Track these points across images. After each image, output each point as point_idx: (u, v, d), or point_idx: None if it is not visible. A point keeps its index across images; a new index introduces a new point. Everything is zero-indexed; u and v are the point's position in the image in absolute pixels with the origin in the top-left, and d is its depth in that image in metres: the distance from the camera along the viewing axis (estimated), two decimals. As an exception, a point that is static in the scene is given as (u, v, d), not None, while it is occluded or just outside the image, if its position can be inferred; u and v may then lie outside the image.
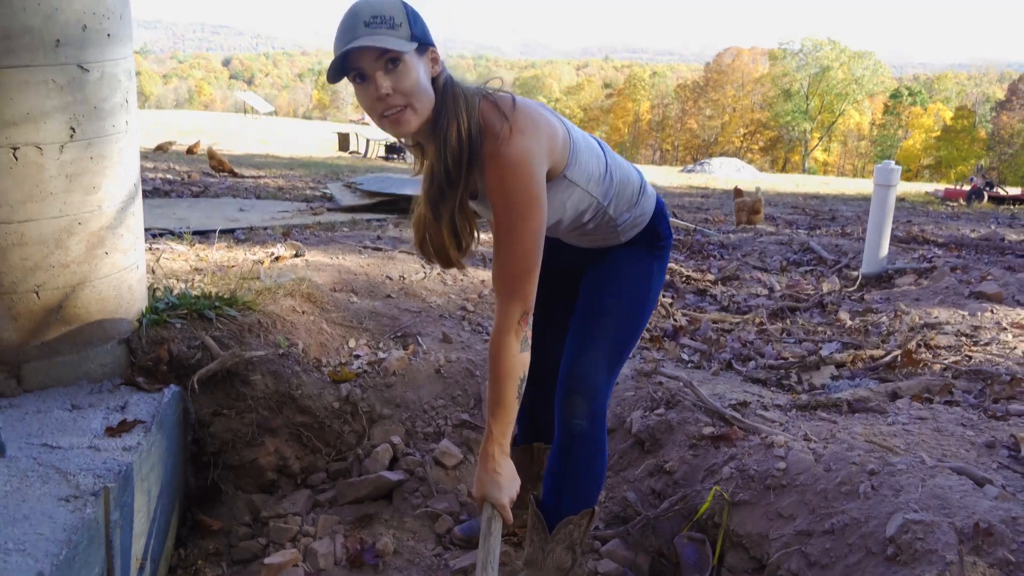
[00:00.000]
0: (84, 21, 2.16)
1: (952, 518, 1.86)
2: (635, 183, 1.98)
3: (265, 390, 2.79)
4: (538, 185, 1.66)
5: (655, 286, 2.04)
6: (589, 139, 1.92)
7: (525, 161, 1.63)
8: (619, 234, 1.99)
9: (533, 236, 1.67)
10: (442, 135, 1.64)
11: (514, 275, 1.69)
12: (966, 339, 3.50)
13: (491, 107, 1.68)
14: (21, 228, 2.21)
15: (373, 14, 1.55)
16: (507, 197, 1.65)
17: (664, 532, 2.44)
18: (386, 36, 1.54)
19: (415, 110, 1.60)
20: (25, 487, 1.90)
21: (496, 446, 1.75)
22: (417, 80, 1.58)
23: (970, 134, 52.65)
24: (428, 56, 1.63)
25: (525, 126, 1.65)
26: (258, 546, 2.57)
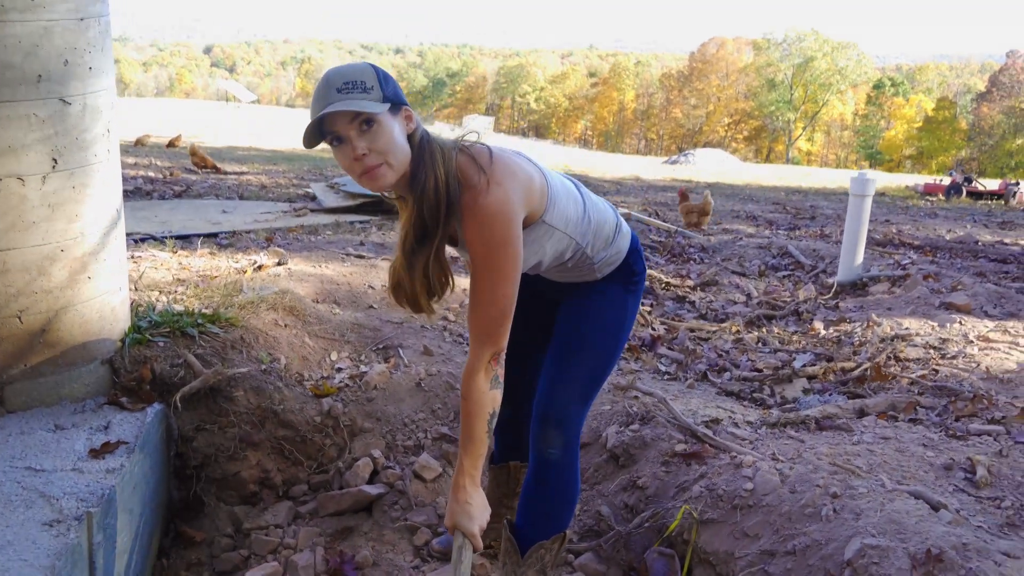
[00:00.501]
0: (65, 56, 2.19)
1: (907, 543, 1.95)
2: (611, 223, 2.05)
3: (248, 405, 2.83)
4: (515, 235, 1.72)
5: (629, 319, 2.11)
6: (567, 183, 1.98)
7: (502, 212, 1.69)
8: (595, 271, 2.05)
9: (508, 283, 1.73)
10: (419, 188, 1.70)
11: (489, 320, 1.76)
12: (934, 352, 3.60)
13: (468, 161, 1.74)
14: (4, 256, 2.25)
15: (345, 80, 1.62)
16: (484, 247, 1.71)
17: (636, 547, 2.52)
18: (359, 100, 1.60)
19: (391, 166, 1.66)
20: (8, 512, 1.94)
21: (467, 478, 1.82)
22: (391, 138, 1.64)
23: (951, 125, 53.15)
24: (402, 115, 1.69)
25: (502, 178, 1.71)
26: (240, 557, 2.62)
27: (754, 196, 13.54)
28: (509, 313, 1.76)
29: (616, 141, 71.20)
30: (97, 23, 2.34)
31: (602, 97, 72.05)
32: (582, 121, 75.38)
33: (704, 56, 65.82)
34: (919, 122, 54.73)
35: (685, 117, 66.69)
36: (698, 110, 65.64)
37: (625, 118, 73.04)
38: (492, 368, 1.79)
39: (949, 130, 52.50)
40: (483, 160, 1.73)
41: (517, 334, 2.24)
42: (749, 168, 28.93)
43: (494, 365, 1.80)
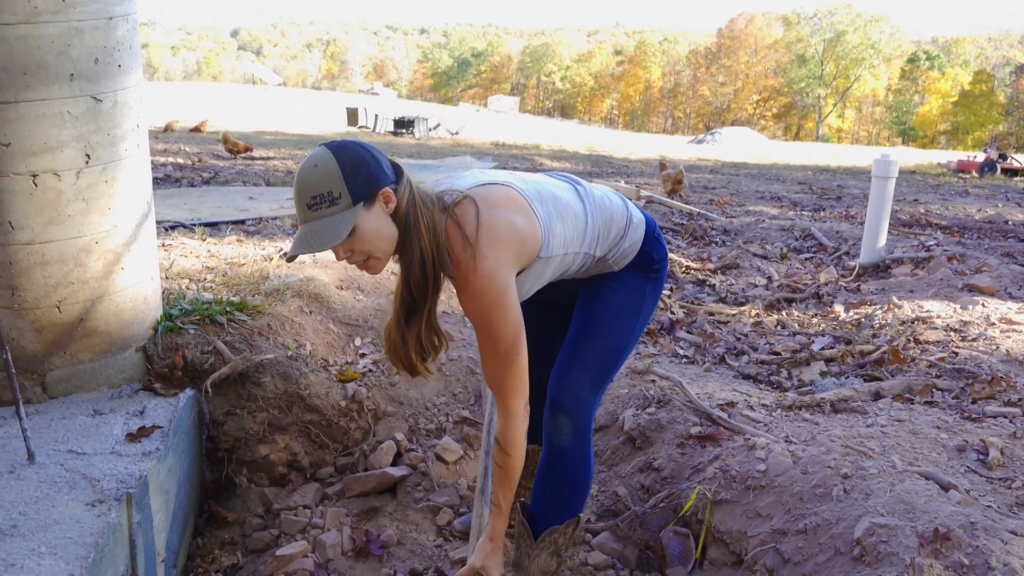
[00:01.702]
0: (96, 55, 2.27)
1: (915, 522, 1.99)
2: (620, 219, 2.03)
3: (275, 391, 2.94)
4: (509, 297, 1.75)
5: (648, 307, 2.11)
6: (563, 197, 1.94)
7: (491, 284, 1.71)
8: (611, 266, 2.06)
9: (512, 340, 1.77)
10: (407, 263, 1.73)
11: (504, 375, 1.80)
12: (954, 334, 3.60)
13: (455, 230, 1.73)
14: (43, 249, 2.36)
15: (312, 195, 1.62)
16: (481, 316, 1.75)
17: (652, 526, 2.59)
18: (327, 220, 1.61)
19: (377, 257, 1.70)
20: (54, 493, 2.06)
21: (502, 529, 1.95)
22: (370, 235, 1.66)
23: (988, 99, 51.86)
24: (380, 199, 1.67)
25: (488, 249, 1.71)
26: (270, 536, 2.73)
27: (780, 176, 13.40)
28: (523, 364, 1.81)
29: (642, 120, 70.55)
30: (125, 22, 2.42)
31: (628, 75, 71.34)
32: (608, 100, 74.76)
33: (732, 32, 64.79)
34: (955, 96, 53.46)
35: (712, 95, 65.83)
36: (726, 87, 64.73)
37: (651, 96, 72.28)
38: (526, 419, 1.86)
39: (986, 104, 51.25)
40: (469, 228, 1.72)
41: (534, 321, 2.30)
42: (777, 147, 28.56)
43: (526, 416, 1.86)
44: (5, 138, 2.24)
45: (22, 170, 2.27)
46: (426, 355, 1.86)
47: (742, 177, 12.71)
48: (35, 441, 2.22)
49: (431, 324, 1.82)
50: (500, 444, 1.87)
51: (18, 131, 2.23)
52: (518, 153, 15.87)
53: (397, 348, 1.85)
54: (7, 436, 2.30)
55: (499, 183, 1.85)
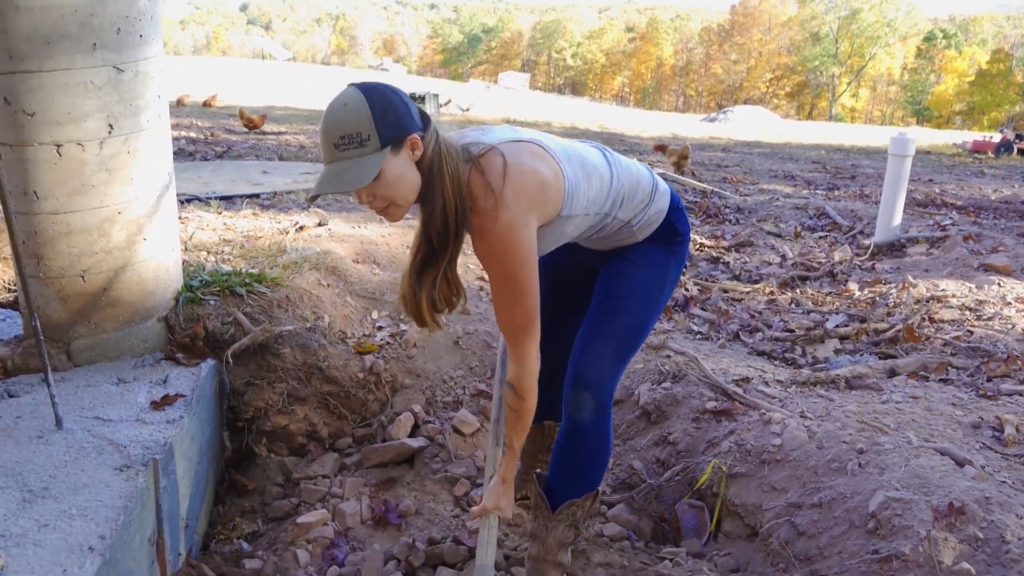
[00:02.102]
0: (118, 25, 2.28)
1: (930, 496, 2.01)
2: (646, 184, 2.03)
3: (294, 362, 2.97)
4: (527, 249, 1.74)
5: (671, 281, 2.10)
6: (589, 157, 1.95)
7: (511, 234, 1.71)
8: (635, 233, 2.04)
9: (526, 296, 1.77)
10: (428, 212, 1.73)
11: (520, 328, 1.81)
12: (970, 313, 3.60)
13: (479, 178, 1.72)
14: (67, 219, 2.38)
15: (341, 135, 1.60)
16: (498, 267, 1.75)
17: (667, 499, 2.62)
18: (354, 161, 1.60)
19: (399, 205, 1.70)
20: (83, 458, 2.10)
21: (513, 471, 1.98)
22: (394, 180, 1.65)
23: (1006, 79, 51.11)
24: (407, 145, 1.67)
25: (511, 199, 1.70)
26: (290, 505, 2.78)
27: (794, 155, 13.30)
28: (536, 316, 1.81)
29: (654, 98, 69.96)
30: (147, -8, 2.42)
31: (640, 52, 70.66)
32: (619, 77, 74.11)
33: (746, 9, 63.96)
34: (971, 76, 52.71)
35: (725, 73, 65.17)
36: (739, 65, 64.05)
37: (663, 74, 71.62)
38: (539, 361, 1.87)
39: (1004, 84, 50.52)
40: (494, 177, 1.71)
41: (554, 296, 2.31)
42: (790, 126, 28.30)
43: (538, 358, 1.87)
44: (29, 108, 2.25)
45: (46, 140, 2.28)
46: (440, 308, 1.86)
47: (755, 156, 12.62)
48: (62, 408, 2.26)
49: (448, 276, 1.82)
50: (515, 389, 1.88)
51: (42, 101, 2.25)
52: (529, 130, 15.74)
53: (407, 299, 1.85)
54: (35, 403, 2.34)
55: (527, 140, 1.85)
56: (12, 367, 2.54)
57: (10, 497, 1.89)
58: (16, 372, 2.54)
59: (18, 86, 2.24)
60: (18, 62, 2.21)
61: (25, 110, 2.25)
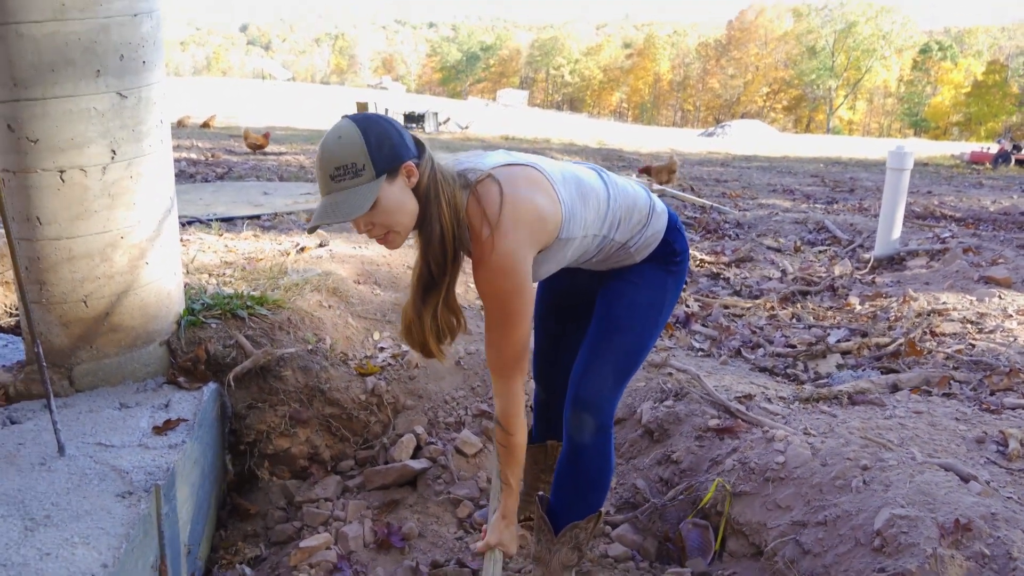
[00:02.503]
0: (121, 51, 2.30)
1: (935, 513, 2.00)
2: (643, 205, 2.03)
3: (296, 384, 2.97)
4: (524, 278, 1.76)
5: (669, 301, 2.10)
6: (586, 180, 1.95)
7: (509, 263, 1.72)
8: (633, 255, 2.04)
9: (519, 325, 1.79)
10: (425, 239, 1.74)
11: (507, 362, 1.82)
12: (971, 326, 3.60)
13: (476, 207, 1.74)
14: (70, 244, 2.39)
15: (336, 166, 1.62)
16: (495, 296, 1.76)
17: (671, 518, 2.60)
18: (350, 191, 1.62)
19: (397, 231, 1.71)
20: (85, 485, 2.10)
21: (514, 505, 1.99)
22: (391, 208, 1.67)
23: (1002, 89, 51.39)
24: (402, 173, 1.69)
25: (508, 228, 1.71)
26: (293, 529, 2.76)
27: (792, 168, 13.35)
28: (525, 352, 1.82)
29: (652, 113, 70.32)
30: (149, 18, 2.44)
31: (637, 68, 71.12)
32: (617, 93, 74.53)
33: (742, 24, 64.47)
34: (967, 87, 52.99)
35: (722, 87, 65.57)
36: (736, 80, 64.46)
37: (661, 89, 72.03)
38: (524, 396, 1.88)
39: (1000, 95, 50.79)
40: (491, 207, 1.72)
41: (552, 317, 2.31)
42: (787, 139, 28.42)
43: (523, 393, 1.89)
44: (33, 134, 2.27)
45: (49, 166, 2.30)
46: (443, 337, 1.86)
47: (753, 170, 12.67)
48: (65, 434, 2.25)
49: (448, 303, 1.83)
50: (501, 425, 1.88)
51: (46, 127, 2.27)
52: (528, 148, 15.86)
53: (413, 327, 1.86)
54: (37, 429, 2.34)
55: (523, 164, 1.85)
56: (14, 393, 2.54)
57: (12, 525, 1.89)
58: (18, 398, 2.54)
59: (22, 113, 2.26)
60: (22, 89, 2.23)
61: (29, 136, 2.27)
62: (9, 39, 2.19)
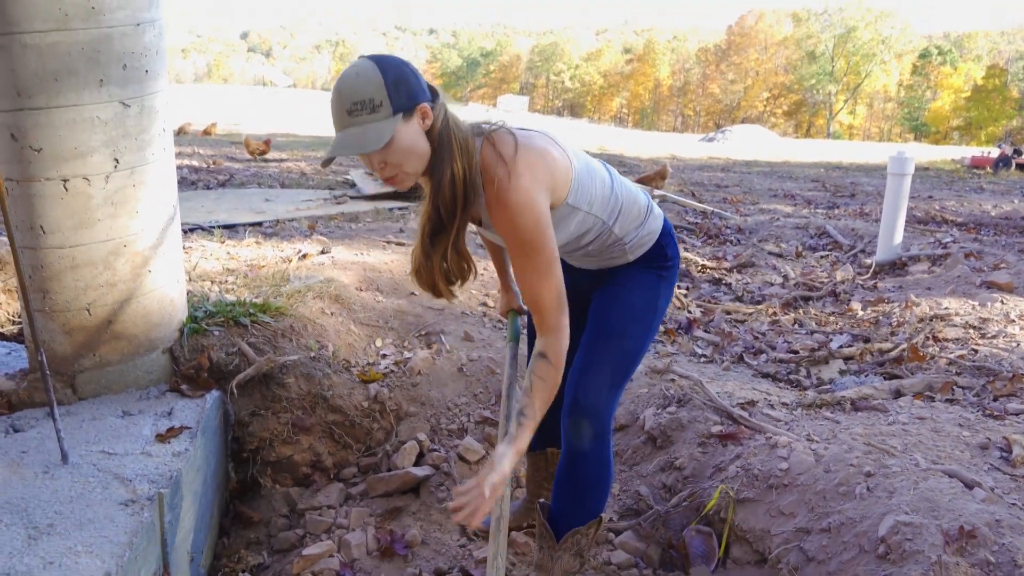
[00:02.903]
0: (124, 61, 2.31)
1: (940, 520, 2.00)
2: (642, 203, 2.07)
3: (299, 391, 2.97)
4: (544, 217, 1.77)
5: (661, 306, 2.12)
6: (593, 164, 2.01)
7: (528, 201, 1.73)
8: (627, 252, 2.07)
9: (550, 263, 1.78)
10: (436, 183, 1.75)
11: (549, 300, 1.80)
12: (974, 331, 3.59)
13: (491, 151, 1.76)
14: (73, 252, 2.39)
15: (353, 100, 1.63)
16: (517, 236, 1.76)
17: (674, 525, 2.60)
18: (366, 127, 1.62)
19: (407, 172, 1.72)
20: (88, 492, 2.10)
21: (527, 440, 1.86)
22: (405, 148, 1.67)
23: (1002, 94, 51.41)
24: (417, 114, 1.70)
25: (523, 169, 1.73)
26: (295, 536, 2.76)
27: (792, 173, 13.36)
28: (560, 288, 1.81)
29: (652, 118, 70.42)
30: (152, 27, 2.45)
31: (637, 74, 71.24)
32: (617, 99, 74.64)
33: (742, 29, 64.59)
34: (967, 92, 53.03)
35: (722, 92, 65.66)
36: (736, 85, 64.55)
37: (661, 94, 72.15)
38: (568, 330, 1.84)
39: (1000, 99, 50.81)
40: (506, 150, 1.75)
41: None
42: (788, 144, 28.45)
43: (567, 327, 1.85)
44: (36, 143, 2.28)
45: (53, 175, 2.31)
46: (452, 279, 1.86)
47: (754, 175, 12.68)
48: (68, 442, 2.26)
49: (458, 247, 1.82)
50: (547, 358, 1.83)
51: (49, 136, 2.27)
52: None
53: (422, 269, 1.86)
54: (41, 437, 2.34)
55: (535, 131, 1.89)
56: (17, 401, 2.55)
57: (16, 534, 1.89)
58: (21, 406, 2.54)
59: (25, 122, 2.26)
60: (26, 99, 2.23)
61: (32, 146, 2.28)
62: (12, 49, 2.20)
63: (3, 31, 2.19)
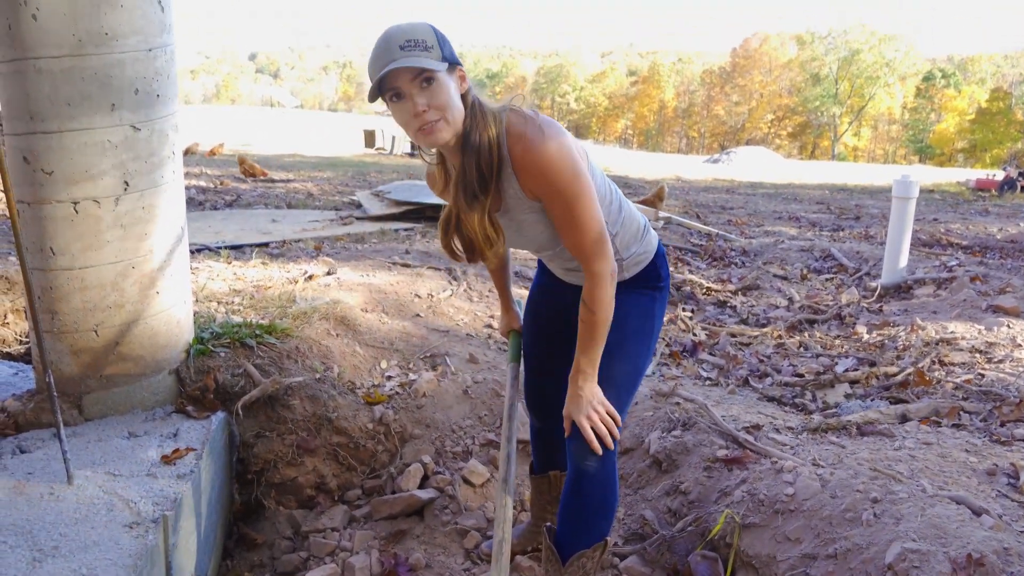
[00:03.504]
0: (136, 85, 2.34)
1: (947, 547, 1.98)
2: (640, 221, 2.13)
3: (304, 413, 2.97)
4: (578, 163, 1.80)
5: (657, 326, 2.16)
6: (597, 169, 2.05)
7: (558, 149, 1.77)
8: (623, 269, 2.09)
9: (592, 206, 1.82)
10: (473, 145, 1.79)
11: (593, 243, 1.83)
12: (980, 356, 3.58)
13: (516, 117, 1.81)
14: (82, 274, 2.41)
15: (407, 38, 1.68)
16: (555, 185, 1.79)
17: (679, 550, 2.58)
18: (420, 57, 1.67)
19: (448, 122, 1.74)
20: (93, 515, 2.10)
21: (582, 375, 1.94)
22: (449, 95, 1.71)
23: (1006, 116, 51.53)
24: (457, 74, 1.76)
25: (551, 130, 1.79)
26: (299, 559, 2.75)
27: (797, 195, 13.38)
28: (603, 229, 1.85)
29: (657, 140, 70.72)
30: (164, 52, 2.49)
31: (642, 95, 71.66)
32: (622, 120, 75.04)
33: (746, 52, 65.01)
34: (971, 114, 53.17)
35: (727, 114, 65.97)
36: (740, 107, 64.86)
37: (666, 116, 72.51)
38: (614, 279, 1.88)
39: (1004, 122, 50.92)
40: (531, 116, 1.81)
41: (542, 344, 2.33)
42: (793, 166, 28.51)
43: (614, 277, 1.88)
44: (48, 166, 2.31)
45: (63, 197, 2.33)
46: (493, 240, 1.89)
47: (759, 197, 12.71)
48: (73, 463, 2.26)
49: (492, 219, 1.87)
50: (586, 303, 1.88)
51: (61, 160, 2.30)
52: (534, 174, 15.91)
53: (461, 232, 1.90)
54: (46, 458, 2.34)
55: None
56: (24, 422, 2.55)
57: (20, 556, 1.89)
58: (28, 427, 2.55)
59: (38, 145, 2.29)
60: (39, 123, 2.27)
61: (44, 169, 2.31)
62: (27, 73, 2.23)
63: (18, 56, 2.22)
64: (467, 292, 4.36)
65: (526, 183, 1.81)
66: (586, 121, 76.24)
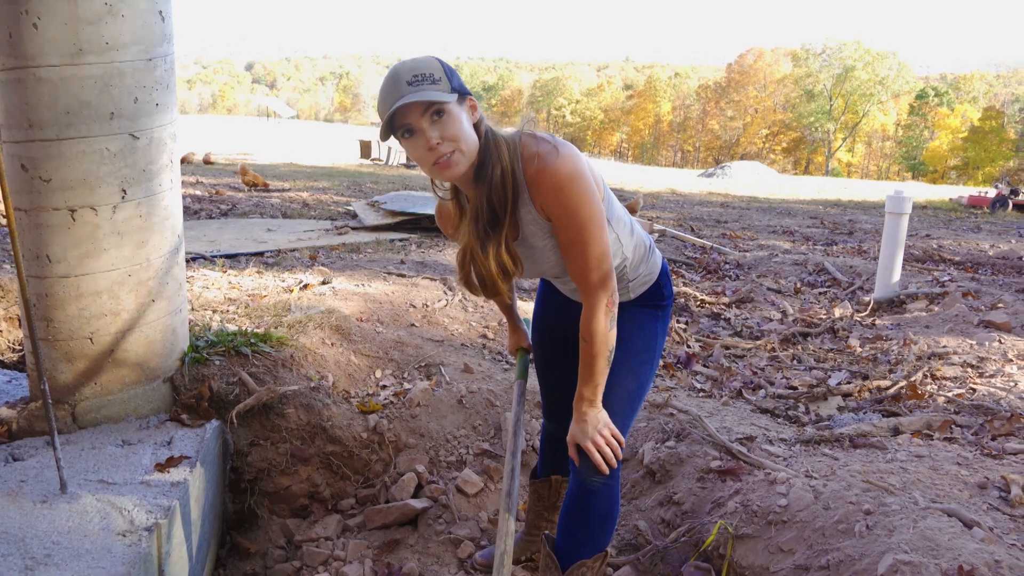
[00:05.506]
0: (135, 94, 2.36)
1: (939, 560, 1.99)
2: (646, 240, 2.15)
3: (298, 422, 2.97)
4: (591, 187, 1.79)
5: (660, 343, 2.18)
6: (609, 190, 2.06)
7: (573, 170, 1.76)
8: (629, 290, 2.11)
9: (600, 233, 1.80)
10: (487, 176, 1.77)
11: (596, 271, 1.83)
12: (971, 370, 3.60)
13: (530, 140, 1.80)
14: (78, 281, 2.42)
15: (414, 73, 1.67)
16: (566, 203, 1.77)
17: (673, 561, 2.58)
18: (428, 90, 1.65)
19: (463, 153, 1.72)
20: (86, 523, 2.09)
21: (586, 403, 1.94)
22: (461, 126, 1.70)
23: (998, 135, 51.90)
24: (467, 104, 1.74)
25: (567, 150, 1.78)
26: (292, 568, 2.75)
27: (791, 210, 13.45)
28: (609, 256, 1.84)
29: (652, 153, 71.03)
30: (163, 62, 2.51)
31: (638, 109, 72.03)
32: (618, 133, 75.37)
33: (742, 67, 65.46)
34: (964, 132, 53.58)
35: (722, 129, 66.33)
36: (735, 122, 65.24)
37: (661, 130, 72.86)
38: (610, 309, 1.87)
39: (996, 140, 51.28)
40: (545, 137, 1.80)
41: (557, 354, 2.34)
42: (787, 181, 28.65)
43: (611, 307, 1.87)
44: (46, 174, 2.31)
45: (60, 205, 2.34)
46: (510, 272, 1.88)
47: (753, 211, 12.77)
48: (67, 471, 2.26)
49: (508, 244, 1.85)
50: (584, 338, 1.89)
51: (59, 167, 2.31)
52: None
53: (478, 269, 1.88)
54: (40, 466, 2.34)
55: None
56: (17, 430, 2.55)
57: (12, 565, 1.88)
58: (21, 435, 2.54)
59: (36, 153, 2.30)
60: (37, 130, 2.28)
61: (41, 176, 2.31)
62: (27, 82, 2.25)
63: (18, 64, 2.24)
64: (462, 302, 4.37)
65: (540, 201, 1.80)
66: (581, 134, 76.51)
